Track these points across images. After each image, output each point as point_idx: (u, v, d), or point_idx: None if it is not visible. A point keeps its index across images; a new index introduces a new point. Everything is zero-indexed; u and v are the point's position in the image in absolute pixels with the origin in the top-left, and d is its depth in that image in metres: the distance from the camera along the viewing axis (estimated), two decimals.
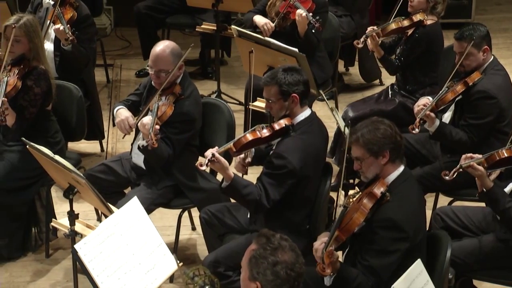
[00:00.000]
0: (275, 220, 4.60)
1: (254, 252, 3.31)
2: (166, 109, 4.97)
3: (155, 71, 5.01)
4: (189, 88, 5.11)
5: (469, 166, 4.41)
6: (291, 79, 4.56)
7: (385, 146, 4.09)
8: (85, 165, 5.81)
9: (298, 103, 4.58)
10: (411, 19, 5.83)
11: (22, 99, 5.18)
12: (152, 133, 4.75)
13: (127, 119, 5.08)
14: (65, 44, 5.95)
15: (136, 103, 5.29)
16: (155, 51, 5.03)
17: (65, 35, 5.87)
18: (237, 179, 4.49)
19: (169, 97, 5.02)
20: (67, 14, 6.05)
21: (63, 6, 6.06)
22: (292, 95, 4.55)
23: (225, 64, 8.21)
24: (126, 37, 8.79)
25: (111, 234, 4.00)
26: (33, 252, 5.47)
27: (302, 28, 6.09)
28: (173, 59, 5.01)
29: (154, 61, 5.02)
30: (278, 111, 4.61)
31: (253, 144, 4.59)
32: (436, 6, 5.84)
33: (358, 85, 7.81)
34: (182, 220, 5.29)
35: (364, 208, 4.00)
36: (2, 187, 5.17)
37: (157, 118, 4.88)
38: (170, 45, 5.06)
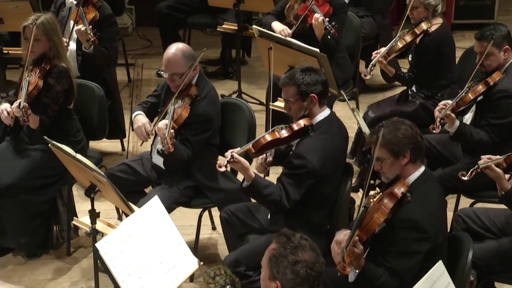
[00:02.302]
0: (295, 220, 4.59)
1: (274, 251, 3.32)
2: (182, 112, 4.98)
3: (169, 75, 5.02)
4: (205, 88, 5.12)
5: (486, 167, 4.39)
6: (309, 79, 4.56)
7: (405, 146, 4.08)
8: (106, 164, 5.84)
9: (316, 103, 4.58)
10: (414, 33, 5.77)
11: (45, 97, 5.22)
12: (168, 137, 4.77)
13: (144, 125, 5.11)
14: (87, 46, 5.97)
15: (154, 105, 5.30)
16: (167, 55, 5.03)
17: (86, 36, 5.89)
18: (258, 179, 4.49)
19: (185, 99, 5.03)
20: (89, 14, 6.07)
21: (85, 6, 6.09)
22: (310, 95, 4.55)
23: (246, 64, 8.22)
24: (148, 36, 8.83)
25: (132, 233, 4.02)
26: (54, 250, 5.50)
27: (319, 32, 6.09)
28: (185, 61, 5.01)
29: (166, 65, 5.03)
30: (297, 111, 4.61)
31: (272, 145, 4.58)
32: (436, 9, 5.81)
33: (379, 86, 7.78)
34: (203, 219, 5.30)
35: (384, 208, 3.99)
36: (25, 185, 5.21)
37: (173, 122, 4.90)
38: (181, 47, 5.05)
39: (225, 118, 5.28)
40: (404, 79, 5.98)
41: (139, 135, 5.15)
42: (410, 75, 5.92)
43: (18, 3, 6.50)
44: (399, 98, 6.08)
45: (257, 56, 7.62)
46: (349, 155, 5.93)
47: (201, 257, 4.26)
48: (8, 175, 5.19)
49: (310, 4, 6.20)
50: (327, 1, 6.25)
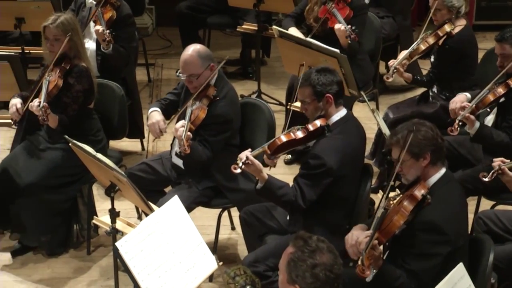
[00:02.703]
0: (314, 220, 4.59)
1: (292, 255, 3.31)
2: (199, 113, 4.99)
3: (186, 76, 5.03)
4: (224, 89, 5.12)
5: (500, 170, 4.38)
6: (325, 79, 4.55)
7: (426, 148, 4.06)
8: (126, 164, 5.86)
9: (332, 103, 4.58)
10: (437, 35, 5.74)
11: (65, 96, 5.25)
12: (184, 139, 4.78)
13: (158, 122, 5.12)
14: (104, 46, 5.99)
15: (173, 102, 5.31)
16: (183, 57, 5.04)
17: (103, 36, 5.91)
18: (272, 181, 4.49)
19: (203, 100, 5.03)
20: (106, 14, 6.09)
21: (104, 6, 6.11)
22: (326, 96, 4.55)
23: (265, 64, 8.22)
24: (168, 36, 8.85)
25: (152, 233, 4.02)
26: (74, 249, 5.53)
27: (344, 41, 6.08)
28: (201, 62, 5.01)
29: (183, 67, 5.04)
30: (313, 112, 4.61)
31: (288, 146, 4.58)
32: (459, 10, 5.77)
33: (399, 87, 7.76)
34: (222, 219, 5.30)
35: (404, 210, 3.97)
36: (45, 184, 5.24)
37: (190, 123, 4.91)
38: (197, 48, 5.06)
39: (245, 118, 5.28)
40: (423, 82, 5.96)
41: (152, 131, 5.16)
42: (430, 76, 5.89)
43: (39, 3, 6.54)
44: (420, 99, 6.06)
45: (277, 56, 7.61)
46: (369, 156, 5.91)
47: (220, 257, 4.26)
48: (29, 174, 5.22)
49: (330, 7, 6.19)
50: (347, 4, 6.23)
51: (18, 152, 5.39)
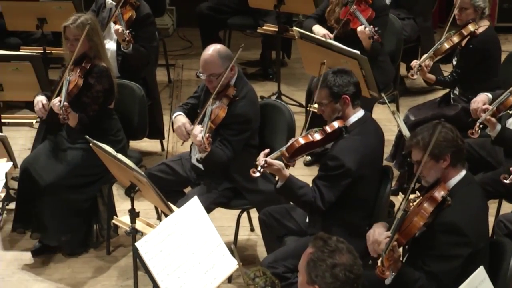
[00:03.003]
0: (333, 221, 4.58)
1: (312, 255, 3.30)
2: (219, 112, 5.00)
3: (207, 76, 5.04)
4: (244, 89, 5.12)
5: None
6: (341, 80, 4.55)
7: (446, 149, 4.04)
8: (146, 164, 5.87)
9: (350, 105, 4.57)
10: (461, 34, 5.71)
11: (85, 96, 5.27)
12: (205, 137, 4.79)
13: (183, 125, 5.13)
14: (125, 46, 6.01)
15: (195, 106, 5.32)
16: (203, 56, 5.05)
17: (122, 36, 5.93)
18: (292, 180, 4.49)
19: (223, 99, 5.04)
20: (126, 14, 6.11)
21: (123, 6, 6.13)
22: (343, 97, 4.54)
23: (286, 65, 8.22)
24: (188, 37, 8.87)
25: (172, 233, 4.03)
26: (94, 249, 5.55)
27: (367, 43, 6.06)
28: (222, 61, 5.02)
29: (203, 66, 5.05)
30: (331, 113, 4.61)
31: (306, 149, 4.57)
32: (484, 11, 5.74)
33: (419, 89, 7.73)
34: (241, 220, 5.31)
35: (424, 212, 3.96)
36: (66, 183, 5.26)
37: (210, 122, 4.92)
38: (217, 48, 5.07)
39: (265, 119, 5.28)
40: (446, 83, 5.93)
41: (179, 135, 5.17)
42: (453, 76, 5.85)
43: (61, 4, 6.57)
44: (441, 102, 6.03)
45: (297, 57, 7.61)
46: (389, 158, 5.90)
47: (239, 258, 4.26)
48: (49, 173, 5.25)
49: (352, 9, 6.17)
50: (369, 5, 6.22)
51: (39, 152, 5.42)
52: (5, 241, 5.61)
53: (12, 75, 5.67)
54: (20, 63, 5.67)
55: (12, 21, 6.73)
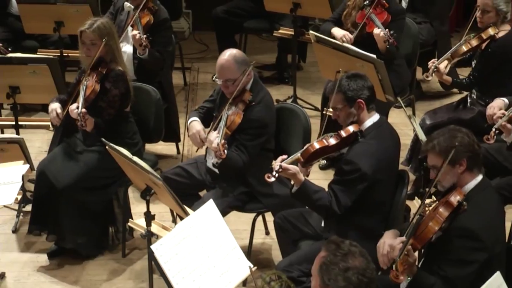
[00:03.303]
0: (348, 225, 4.57)
1: (324, 259, 3.30)
2: (235, 118, 5.00)
3: (223, 81, 5.04)
4: (260, 94, 5.12)
5: None
6: (355, 85, 4.55)
7: (462, 154, 4.03)
8: (161, 167, 5.88)
9: (364, 109, 4.56)
10: (480, 37, 5.67)
11: (101, 100, 5.29)
12: (220, 144, 4.80)
13: (198, 132, 5.13)
14: (140, 52, 6.03)
15: (210, 109, 5.33)
16: (219, 61, 5.06)
17: (139, 41, 5.95)
18: (308, 184, 4.49)
19: (238, 105, 5.04)
20: (144, 18, 6.13)
21: (142, 10, 6.15)
22: (357, 101, 4.54)
23: (301, 69, 8.21)
24: (204, 40, 8.89)
25: (187, 236, 4.04)
26: (109, 252, 5.56)
27: (382, 46, 6.05)
28: (238, 66, 5.02)
29: (219, 71, 5.05)
30: (346, 118, 4.60)
31: (321, 153, 4.57)
32: (506, 16, 5.71)
33: (436, 93, 7.71)
34: (256, 224, 5.31)
35: (439, 216, 3.95)
36: (82, 186, 5.28)
37: (226, 128, 4.92)
38: (233, 53, 5.07)
39: (280, 123, 5.28)
40: (462, 85, 5.90)
41: (194, 141, 5.18)
42: (470, 79, 5.83)
43: (78, 7, 6.60)
44: (457, 105, 6.00)
45: (313, 61, 7.61)
46: (405, 162, 5.88)
47: (254, 261, 4.27)
48: (65, 176, 5.27)
49: (368, 12, 6.17)
50: (385, 9, 6.21)
51: (56, 154, 5.44)
52: (21, 243, 5.64)
53: (29, 78, 5.70)
54: (37, 66, 5.70)
55: (29, 24, 6.78)
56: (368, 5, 6.22)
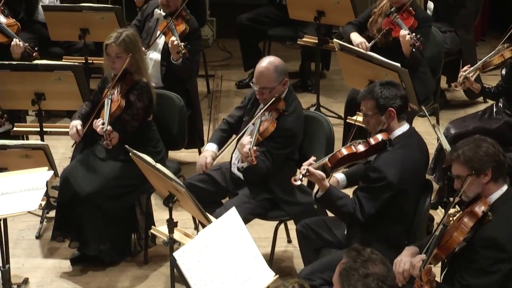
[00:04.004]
0: (372, 234, 4.55)
1: (345, 265, 3.30)
2: (268, 125, 5.00)
3: (259, 88, 5.04)
4: (293, 104, 5.12)
5: None
6: (388, 93, 4.53)
7: (487, 164, 4.01)
8: (184, 174, 5.89)
9: (395, 118, 4.54)
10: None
11: (125, 113, 5.32)
12: (252, 150, 4.80)
13: (206, 159, 5.18)
14: (175, 58, 6.04)
15: (241, 117, 5.34)
16: (259, 68, 5.05)
17: (177, 48, 5.96)
18: (332, 190, 4.48)
19: (272, 113, 5.05)
20: (179, 26, 6.15)
21: (176, 18, 6.17)
22: (389, 109, 4.52)
23: (324, 77, 8.20)
24: (228, 48, 8.90)
25: (209, 244, 4.04)
26: (132, 258, 5.57)
27: (407, 49, 6.03)
28: (276, 76, 5.02)
29: (257, 78, 5.06)
30: (375, 125, 4.58)
31: (349, 160, 4.56)
32: None
33: (460, 102, 7.67)
34: (278, 232, 5.30)
35: (464, 227, 3.92)
36: (105, 193, 5.30)
37: (258, 134, 4.92)
38: (274, 61, 5.07)
39: (304, 131, 5.26)
40: (491, 94, 5.85)
41: (198, 164, 5.23)
42: (498, 89, 5.78)
43: (103, 14, 6.63)
44: (483, 114, 5.95)
45: (336, 69, 7.59)
46: (429, 171, 5.84)
47: (276, 269, 4.25)
48: (89, 183, 5.30)
49: (394, 17, 6.16)
50: (412, 15, 6.20)
51: (79, 161, 5.47)
52: (44, 249, 5.67)
53: (54, 84, 5.74)
54: (62, 73, 5.74)
55: (55, 31, 6.82)
56: (395, 11, 6.21)
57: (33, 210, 5.41)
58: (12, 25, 6.36)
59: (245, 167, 4.99)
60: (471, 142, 4.07)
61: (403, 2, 6.22)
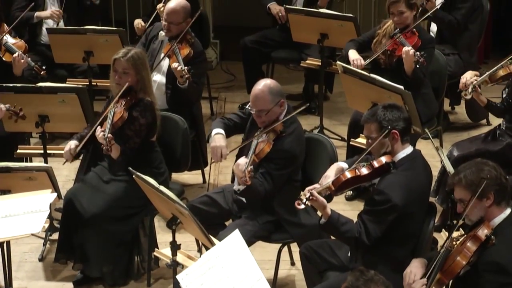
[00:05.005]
0: (376, 256, 4.54)
1: (347, 284, 3.30)
2: (264, 147, 5.01)
3: (256, 111, 5.06)
4: (292, 125, 5.13)
5: None
6: (391, 115, 4.54)
7: (489, 188, 4.01)
8: (187, 196, 5.89)
9: (398, 140, 4.55)
10: None
11: (128, 129, 5.33)
12: (247, 171, 4.81)
13: (221, 147, 5.16)
14: (181, 82, 6.06)
15: (237, 125, 5.35)
16: (254, 91, 5.07)
17: (181, 73, 5.99)
18: (335, 217, 4.48)
19: (269, 134, 5.05)
20: (183, 50, 6.17)
21: (180, 42, 6.20)
22: (392, 132, 4.53)
23: (328, 99, 8.21)
24: (231, 70, 8.92)
25: (212, 266, 4.03)
26: (135, 281, 5.54)
27: (409, 66, 6.04)
28: (271, 98, 5.03)
29: (253, 101, 5.07)
30: (379, 148, 4.58)
31: (353, 183, 4.55)
32: None
33: (464, 124, 7.67)
34: (282, 254, 5.28)
35: (467, 251, 3.92)
36: (109, 215, 5.31)
37: (254, 155, 4.93)
38: (268, 84, 5.08)
39: (307, 153, 5.27)
40: (496, 109, 5.83)
41: (213, 154, 5.20)
42: (505, 105, 5.78)
43: (107, 37, 6.67)
44: (486, 137, 5.95)
45: (340, 92, 7.61)
46: (432, 193, 5.83)
47: None
48: (93, 205, 5.30)
49: (398, 37, 6.19)
50: (416, 35, 6.23)
51: (82, 183, 5.48)
52: (47, 271, 5.66)
53: (58, 106, 5.76)
54: (66, 95, 5.76)
55: (59, 53, 6.86)
56: (399, 32, 6.24)
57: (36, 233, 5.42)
58: (20, 46, 6.39)
59: (242, 189, 4.99)
60: (473, 166, 4.08)
61: (407, 23, 6.26)
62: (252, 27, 8.28)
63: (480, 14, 7.31)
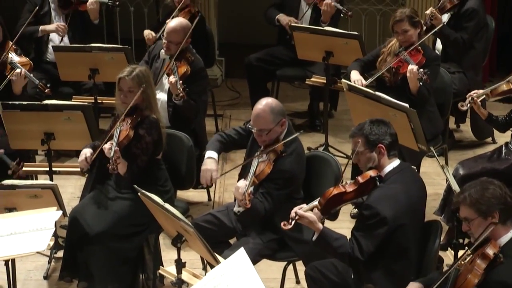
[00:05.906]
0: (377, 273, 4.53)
1: None
2: (264, 168, 5.00)
3: (257, 130, 5.06)
4: (292, 145, 5.12)
5: None
6: (378, 130, 4.57)
7: (494, 206, 4.01)
8: (192, 214, 5.88)
9: (385, 154, 4.57)
10: None
11: (135, 147, 5.33)
12: (247, 193, 4.80)
13: (211, 171, 5.16)
14: (176, 98, 6.08)
15: (235, 141, 5.37)
16: (256, 110, 5.07)
17: (176, 88, 6.00)
18: (327, 232, 4.49)
19: (269, 154, 5.04)
20: (181, 68, 6.19)
21: (178, 60, 6.21)
22: (378, 146, 4.54)
23: (333, 117, 8.22)
24: (236, 88, 8.94)
25: (218, 284, 4.02)
26: None
27: (414, 85, 6.06)
28: (273, 117, 5.03)
29: (254, 120, 5.07)
30: (365, 162, 4.61)
31: (339, 200, 4.55)
32: None
33: (469, 143, 7.66)
34: (287, 272, 5.27)
35: (478, 269, 3.92)
36: (114, 232, 5.30)
37: (254, 177, 4.92)
38: (270, 103, 5.08)
39: (312, 171, 5.26)
40: (497, 123, 5.84)
41: (202, 177, 5.20)
42: (506, 120, 5.77)
43: (113, 54, 6.69)
44: (492, 155, 5.94)
45: (344, 109, 7.61)
46: (438, 212, 5.83)
47: None
48: (98, 223, 5.30)
49: (403, 55, 6.21)
50: (420, 53, 6.24)
51: (88, 201, 5.48)
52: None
53: (63, 124, 5.77)
54: (72, 113, 5.77)
55: (65, 71, 6.88)
56: (403, 50, 6.26)
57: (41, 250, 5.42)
58: (25, 63, 6.40)
59: (241, 211, 4.99)
60: (478, 185, 4.08)
61: (411, 41, 6.27)
62: (257, 45, 8.30)
63: (485, 33, 7.32)
